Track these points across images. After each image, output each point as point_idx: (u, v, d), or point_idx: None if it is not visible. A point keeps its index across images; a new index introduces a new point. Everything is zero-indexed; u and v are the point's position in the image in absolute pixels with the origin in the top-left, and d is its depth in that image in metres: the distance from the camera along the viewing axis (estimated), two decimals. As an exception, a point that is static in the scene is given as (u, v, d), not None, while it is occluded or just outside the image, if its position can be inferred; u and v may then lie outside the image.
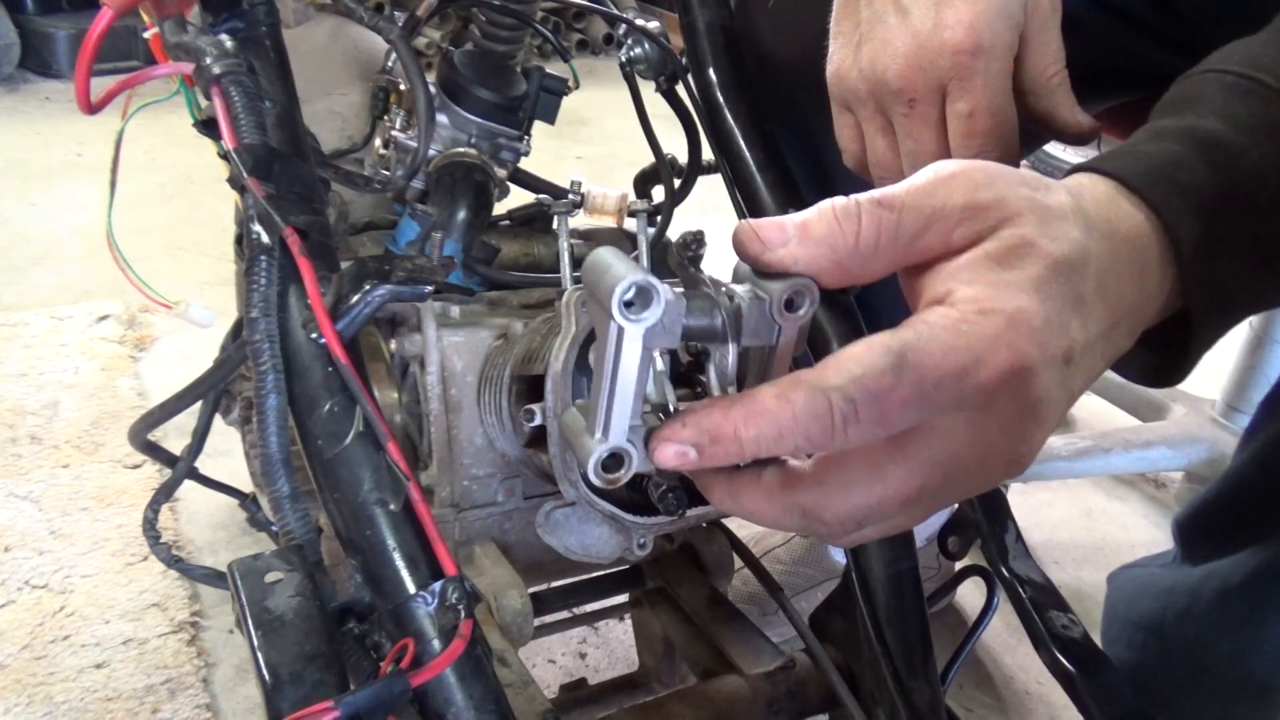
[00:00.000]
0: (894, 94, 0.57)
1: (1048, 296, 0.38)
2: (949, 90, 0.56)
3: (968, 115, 0.56)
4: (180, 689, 1.01)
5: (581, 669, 1.12)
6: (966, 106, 0.55)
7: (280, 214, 0.59)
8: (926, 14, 0.55)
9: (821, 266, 0.41)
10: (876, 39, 0.57)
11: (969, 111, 0.55)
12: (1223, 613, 0.75)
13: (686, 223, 0.99)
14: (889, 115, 0.59)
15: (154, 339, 1.64)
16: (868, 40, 0.58)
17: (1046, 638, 0.58)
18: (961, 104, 0.56)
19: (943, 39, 0.54)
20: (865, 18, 0.58)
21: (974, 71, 0.55)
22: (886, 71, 0.57)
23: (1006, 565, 0.62)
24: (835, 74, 0.61)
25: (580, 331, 0.61)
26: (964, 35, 0.54)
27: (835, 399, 0.36)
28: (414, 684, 0.48)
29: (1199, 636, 0.77)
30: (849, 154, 0.65)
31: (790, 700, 0.68)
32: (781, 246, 0.41)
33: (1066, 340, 0.38)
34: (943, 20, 0.54)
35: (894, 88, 0.57)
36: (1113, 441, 1.46)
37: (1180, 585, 0.79)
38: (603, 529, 0.61)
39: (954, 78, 0.55)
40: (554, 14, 3.29)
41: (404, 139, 0.86)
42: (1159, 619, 0.80)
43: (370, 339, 0.78)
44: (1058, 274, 0.38)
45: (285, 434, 0.56)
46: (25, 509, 1.23)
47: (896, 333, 0.37)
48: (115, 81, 0.67)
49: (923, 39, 0.55)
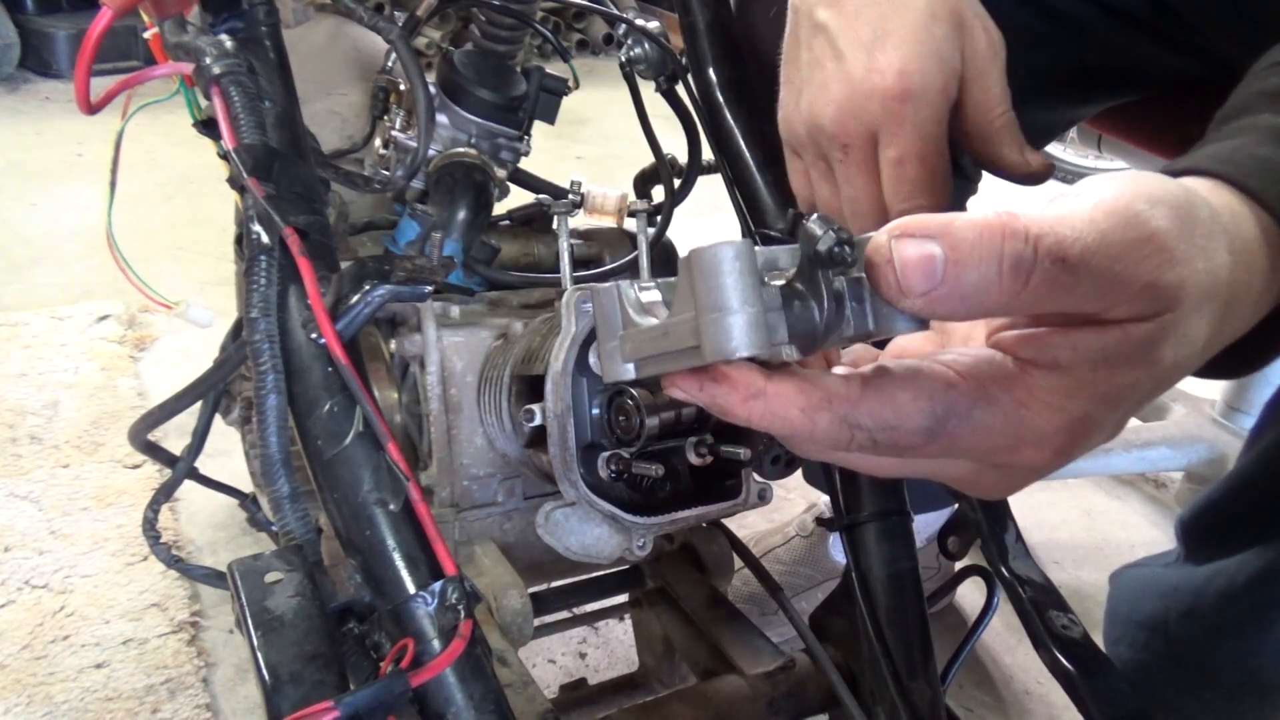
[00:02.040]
0: (829, 139, 0.57)
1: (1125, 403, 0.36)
2: (880, 136, 0.55)
3: (897, 162, 0.55)
4: (180, 689, 1.01)
5: (581, 669, 1.12)
6: (896, 153, 0.55)
7: (280, 214, 0.59)
8: (858, 59, 0.54)
9: (962, 314, 0.35)
10: (815, 84, 0.57)
11: (898, 158, 0.55)
12: (1227, 613, 0.74)
13: (686, 223, 0.99)
14: (829, 161, 0.59)
15: (154, 339, 1.64)
16: (808, 85, 0.58)
17: (1046, 638, 0.58)
18: (891, 150, 0.55)
19: (873, 84, 0.54)
20: (805, 61, 0.58)
21: (903, 118, 0.54)
22: (822, 117, 0.56)
23: (1006, 565, 0.62)
24: (783, 119, 0.61)
25: (580, 331, 0.61)
26: (893, 80, 0.53)
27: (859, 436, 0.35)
28: (414, 684, 0.48)
29: (1203, 637, 0.77)
30: (801, 199, 0.64)
31: (790, 700, 0.68)
32: (923, 293, 0.32)
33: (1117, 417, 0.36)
34: (874, 65, 0.54)
35: (829, 133, 0.56)
36: (1114, 441, 1.46)
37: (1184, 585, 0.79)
38: (603, 529, 0.61)
39: (885, 123, 0.54)
40: (554, 14, 3.29)
41: (404, 139, 0.86)
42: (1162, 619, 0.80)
43: (370, 339, 0.78)
44: (1157, 383, 0.35)
45: (285, 434, 0.56)
46: (25, 509, 1.23)
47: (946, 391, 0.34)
48: (115, 81, 0.67)
49: (855, 84, 0.54)
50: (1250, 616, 0.73)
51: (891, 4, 0.54)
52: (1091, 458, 1.44)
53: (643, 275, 0.80)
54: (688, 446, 0.66)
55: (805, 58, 0.58)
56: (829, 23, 0.56)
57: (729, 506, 0.66)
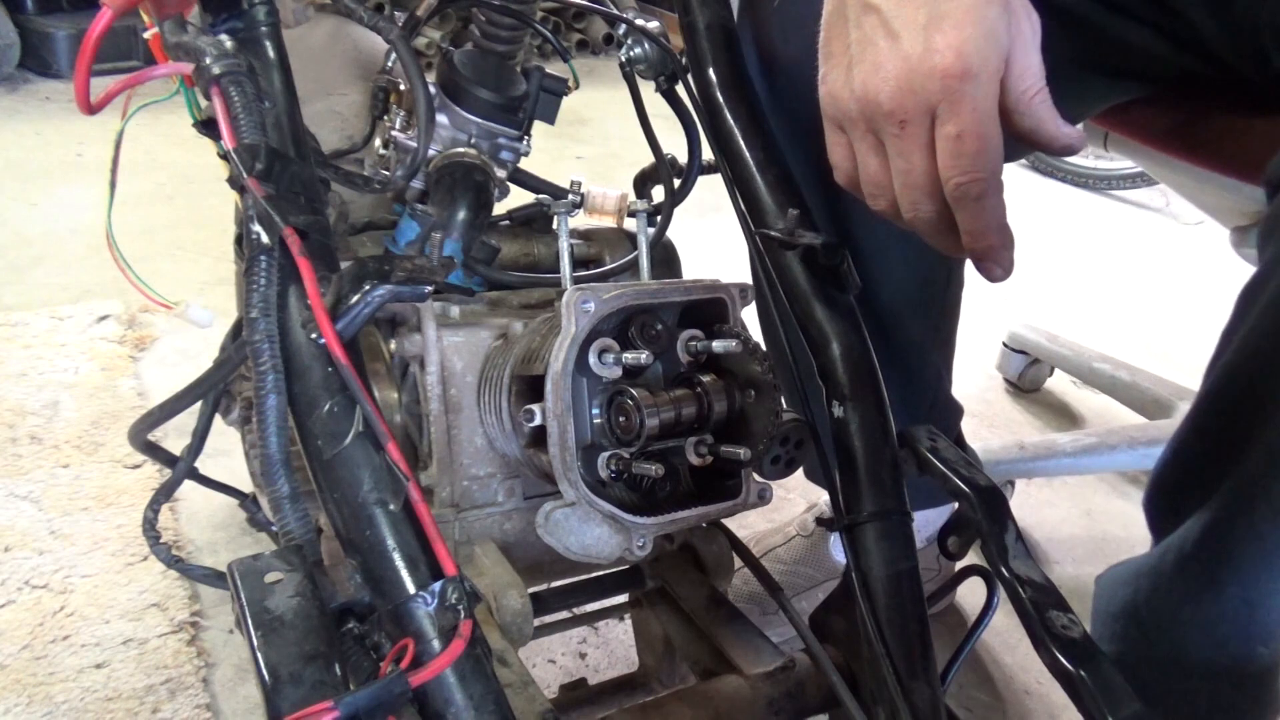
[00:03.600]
0: (885, 116, 0.59)
1: None
2: (938, 113, 0.58)
3: (956, 137, 0.57)
4: (180, 689, 1.01)
5: (581, 669, 1.12)
6: (955, 129, 0.57)
7: (280, 214, 0.59)
8: (916, 38, 0.57)
9: None
10: (868, 62, 0.59)
11: (957, 134, 0.57)
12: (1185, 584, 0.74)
13: (687, 223, 0.99)
14: (880, 135, 0.61)
15: (154, 339, 1.64)
16: (859, 63, 0.60)
17: (1046, 638, 0.58)
18: (950, 126, 0.57)
19: (933, 64, 0.56)
20: (855, 39, 0.60)
21: (963, 95, 0.56)
22: (878, 94, 0.59)
23: (1006, 565, 0.62)
24: (828, 95, 0.63)
25: (580, 332, 0.61)
26: (953, 60, 0.56)
27: None
28: (414, 684, 0.48)
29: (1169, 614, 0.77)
30: (840, 171, 0.67)
31: (790, 700, 0.68)
32: None
33: None
34: (932, 45, 0.56)
35: (885, 110, 0.59)
36: (1118, 438, 1.47)
37: (1145, 567, 0.79)
38: (603, 529, 0.61)
39: (943, 101, 0.57)
40: (554, 14, 3.29)
41: (404, 139, 0.86)
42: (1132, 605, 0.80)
43: (370, 339, 0.78)
44: None
45: (285, 434, 0.56)
46: (25, 509, 1.23)
47: None
48: (115, 82, 0.67)
49: (913, 63, 0.57)
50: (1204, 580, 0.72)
51: None
52: (1097, 454, 1.45)
53: (643, 275, 0.80)
54: (688, 446, 0.66)
55: (855, 36, 0.60)
56: (880, 3, 0.58)
57: (729, 506, 0.66)
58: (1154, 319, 2.22)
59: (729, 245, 1.24)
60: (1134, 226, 2.83)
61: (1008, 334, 1.84)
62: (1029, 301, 2.12)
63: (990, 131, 0.58)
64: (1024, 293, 2.13)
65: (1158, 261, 2.59)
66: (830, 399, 0.69)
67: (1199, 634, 0.75)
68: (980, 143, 0.57)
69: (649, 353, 0.63)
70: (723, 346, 0.65)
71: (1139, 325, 2.18)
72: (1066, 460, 1.44)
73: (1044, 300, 2.20)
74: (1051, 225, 2.71)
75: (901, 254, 1.00)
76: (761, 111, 0.81)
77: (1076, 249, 2.59)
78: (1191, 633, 0.76)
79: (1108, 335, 2.03)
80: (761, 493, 0.68)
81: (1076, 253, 2.56)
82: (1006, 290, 1.84)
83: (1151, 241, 2.72)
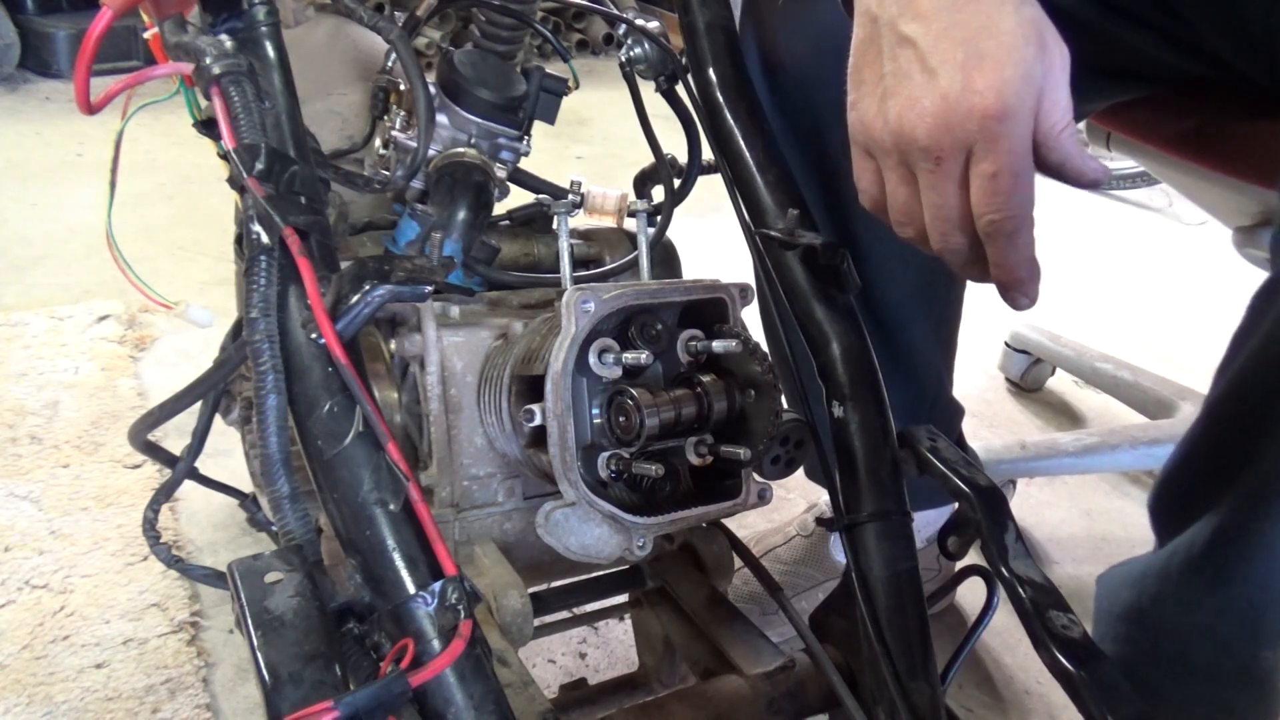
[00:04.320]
0: (921, 151, 0.59)
1: None
2: (975, 151, 0.57)
3: (991, 176, 0.57)
4: (180, 689, 1.01)
5: (581, 669, 1.12)
6: (991, 168, 0.57)
7: (280, 214, 0.59)
8: (955, 77, 0.56)
9: None
10: (903, 95, 0.58)
11: (993, 173, 0.57)
12: (1191, 586, 0.74)
13: (687, 223, 0.99)
14: (913, 168, 0.61)
15: (154, 339, 1.64)
16: (893, 95, 0.59)
17: (1046, 638, 0.58)
18: (986, 165, 0.57)
19: (972, 104, 0.56)
20: (890, 71, 0.59)
21: (1000, 135, 0.56)
22: (915, 129, 0.58)
23: (1006, 565, 0.62)
24: (859, 122, 0.63)
25: (580, 332, 0.61)
26: (993, 101, 0.55)
27: None
28: (414, 684, 0.48)
29: (1174, 616, 0.77)
30: (867, 196, 0.66)
31: (790, 700, 0.68)
32: None
33: None
34: (972, 84, 0.56)
35: (921, 145, 0.58)
36: (1120, 438, 1.47)
37: (1151, 568, 0.79)
38: (603, 529, 0.61)
39: (980, 140, 0.57)
40: (554, 14, 3.29)
41: (404, 139, 0.86)
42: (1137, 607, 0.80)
43: (370, 339, 0.78)
44: None
45: (285, 434, 0.56)
46: (25, 509, 1.23)
47: None
48: (115, 82, 0.67)
49: (951, 101, 0.56)
50: (1211, 583, 0.72)
51: (981, 24, 0.56)
52: (1099, 454, 1.45)
53: (643, 275, 0.80)
54: (688, 446, 0.66)
55: (889, 67, 0.59)
56: (917, 37, 0.58)
57: (729, 506, 0.66)
58: (1156, 319, 2.22)
59: (729, 245, 1.24)
60: (1136, 226, 2.83)
61: (1010, 334, 1.84)
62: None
63: (1025, 169, 0.58)
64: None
65: (1160, 261, 2.59)
66: (830, 399, 0.69)
67: (1204, 636, 0.75)
68: (1015, 180, 0.57)
69: (649, 353, 0.63)
70: (723, 346, 0.65)
71: (1141, 325, 2.18)
72: (1068, 460, 1.44)
73: (1046, 300, 2.19)
74: (1053, 225, 2.70)
75: (902, 254, 0.99)
76: (761, 111, 0.81)
77: (1079, 249, 2.58)
78: (1196, 635, 0.76)
79: (1110, 335, 2.03)
80: (761, 493, 0.68)
81: (1078, 252, 2.56)
82: (1007, 290, 1.84)
83: (1154, 241, 2.72)
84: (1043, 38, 0.57)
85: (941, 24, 0.57)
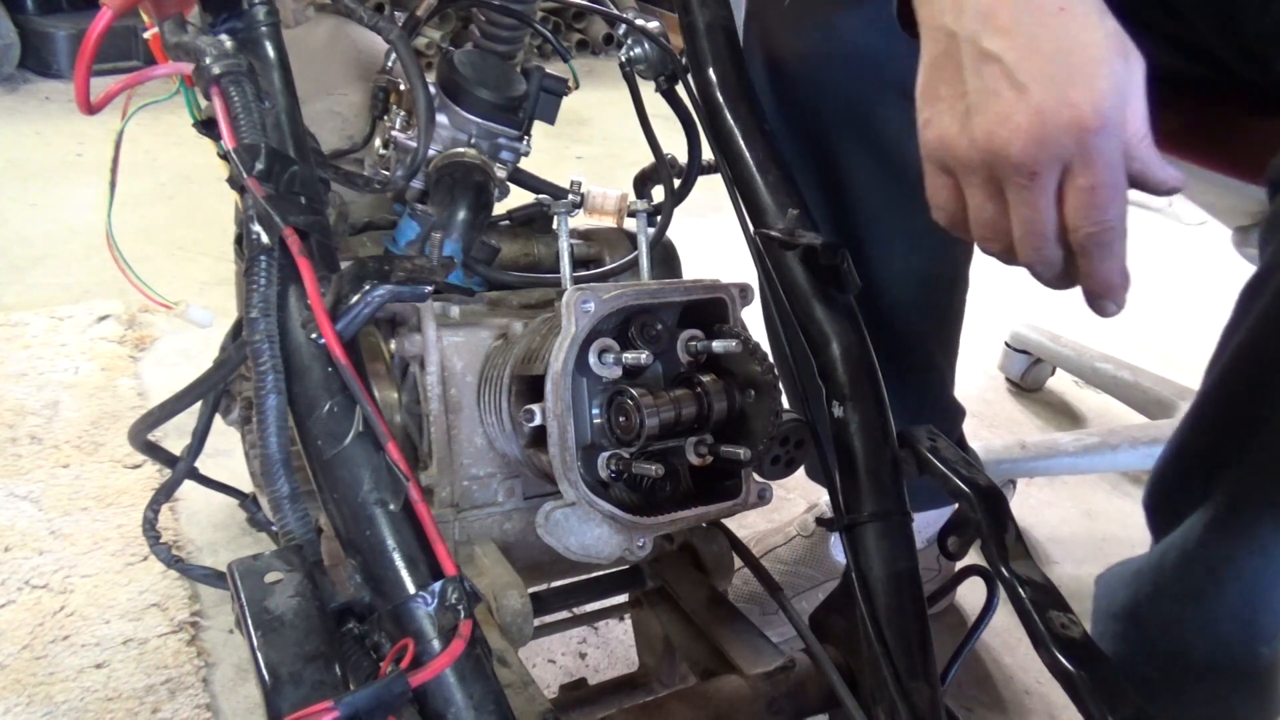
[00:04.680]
0: (1014, 167, 0.58)
1: None
2: (1071, 166, 0.57)
3: (1089, 190, 0.57)
4: (180, 689, 1.01)
5: (581, 669, 1.12)
6: (1088, 182, 0.57)
7: (280, 214, 0.59)
8: (1047, 92, 0.55)
9: None
10: (991, 112, 0.58)
11: (1090, 186, 0.57)
12: (1185, 583, 0.74)
13: (687, 223, 0.99)
14: (1002, 184, 0.60)
15: (154, 339, 1.64)
16: (979, 111, 0.58)
17: (1046, 638, 0.58)
18: (1083, 179, 0.57)
19: (1067, 118, 0.55)
20: (974, 88, 0.58)
21: (1096, 149, 0.56)
22: (1008, 146, 0.57)
23: (1006, 565, 0.62)
24: (938, 139, 0.62)
25: (580, 332, 0.61)
26: (1089, 114, 0.55)
27: None
28: (414, 684, 0.48)
29: (1170, 613, 0.77)
30: (944, 213, 0.65)
31: (790, 700, 0.68)
32: None
33: None
34: (1066, 99, 0.55)
35: (1015, 161, 0.57)
36: (1120, 438, 1.47)
37: (1146, 567, 0.79)
38: (603, 529, 0.61)
39: (1077, 155, 0.56)
40: (554, 14, 3.29)
41: (404, 139, 0.86)
42: (1133, 605, 0.80)
43: (370, 339, 0.78)
44: None
45: (285, 434, 0.56)
46: (25, 509, 1.23)
47: None
48: (115, 82, 0.67)
49: (1046, 117, 0.56)
50: (1205, 578, 0.72)
51: (1068, 37, 0.56)
52: (1099, 454, 1.45)
53: (643, 275, 0.80)
54: (688, 446, 0.66)
55: (973, 84, 0.59)
56: (1002, 53, 0.57)
57: (729, 506, 0.66)
58: (1156, 319, 2.22)
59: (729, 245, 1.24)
60: (1136, 226, 2.82)
61: (1010, 334, 1.84)
62: (1031, 301, 2.12)
63: (1120, 180, 0.57)
64: (1026, 293, 2.13)
65: (1160, 262, 2.59)
66: (830, 399, 0.69)
67: (1200, 633, 0.75)
68: (1112, 193, 0.57)
69: (649, 353, 0.63)
70: (723, 346, 0.65)
71: (1141, 325, 2.18)
72: (1068, 460, 1.44)
73: (1046, 300, 2.19)
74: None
75: (904, 254, 1.00)
76: (761, 111, 0.81)
77: (1077, 249, 2.58)
78: (1192, 632, 0.76)
79: (1110, 335, 2.03)
80: (761, 493, 0.68)
81: (1077, 253, 2.55)
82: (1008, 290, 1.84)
83: (1154, 241, 2.72)
84: (1126, 49, 0.57)
85: (1027, 38, 0.56)
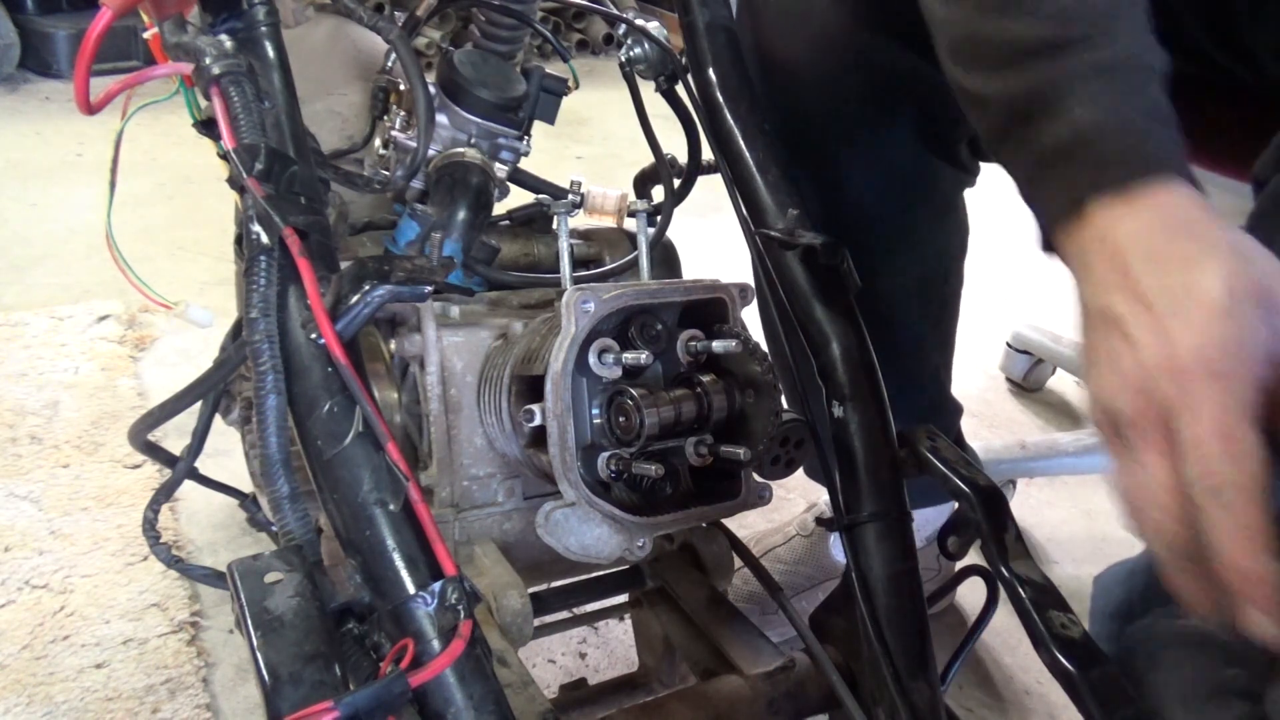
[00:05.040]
0: (1125, 421, 0.55)
1: None
2: (1177, 417, 0.52)
3: (1195, 443, 0.52)
4: (180, 689, 1.01)
5: (581, 669, 1.12)
6: (1193, 434, 0.51)
7: (280, 214, 0.59)
8: (1151, 340, 0.53)
9: None
10: (1107, 365, 0.56)
11: (1196, 439, 0.51)
12: None
13: (687, 223, 0.99)
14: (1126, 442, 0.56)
15: (154, 339, 1.64)
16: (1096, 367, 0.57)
17: (1046, 638, 0.58)
18: (1188, 431, 0.52)
19: (1166, 364, 0.52)
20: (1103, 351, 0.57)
21: (1202, 398, 0.51)
22: (1116, 398, 0.55)
23: (1006, 565, 0.62)
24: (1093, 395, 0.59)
25: (580, 332, 0.61)
26: (1190, 360, 0.51)
27: None
28: (414, 684, 0.48)
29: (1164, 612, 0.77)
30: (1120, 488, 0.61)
31: (790, 700, 0.68)
32: None
33: None
34: (1166, 346, 0.52)
35: (1125, 415, 0.55)
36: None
37: (1139, 565, 0.79)
38: (603, 529, 0.61)
39: (1180, 404, 0.52)
40: (554, 14, 3.29)
41: (404, 139, 0.86)
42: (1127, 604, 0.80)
43: (370, 339, 0.78)
44: None
45: (285, 434, 0.56)
46: (25, 509, 1.23)
47: None
48: (115, 82, 0.67)
49: (1146, 364, 0.53)
50: None
51: (1185, 288, 0.53)
52: (1097, 454, 1.44)
53: (643, 275, 0.80)
54: (687, 446, 0.66)
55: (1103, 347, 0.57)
56: (1120, 312, 0.55)
57: (729, 506, 0.66)
58: (1154, 319, 2.22)
59: (729, 245, 1.24)
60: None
61: (1011, 334, 1.84)
62: (1031, 301, 2.12)
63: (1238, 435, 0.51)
64: (1026, 292, 2.13)
65: (1158, 261, 2.59)
66: (830, 399, 0.69)
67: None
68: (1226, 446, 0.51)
69: (649, 353, 0.63)
70: (722, 346, 0.65)
71: (1139, 325, 2.18)
72: (1068, 460, 1.44)
73: (1047, 300, 2.19)
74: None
75: (902, 254, 1.00)
76: (761, 111, 0.81)
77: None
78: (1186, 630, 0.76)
79: (1108, 335, 2.03)
80: (761, 493, 0.68)
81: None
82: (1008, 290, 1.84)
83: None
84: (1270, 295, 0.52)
85: (1146, 293, 0.54)
